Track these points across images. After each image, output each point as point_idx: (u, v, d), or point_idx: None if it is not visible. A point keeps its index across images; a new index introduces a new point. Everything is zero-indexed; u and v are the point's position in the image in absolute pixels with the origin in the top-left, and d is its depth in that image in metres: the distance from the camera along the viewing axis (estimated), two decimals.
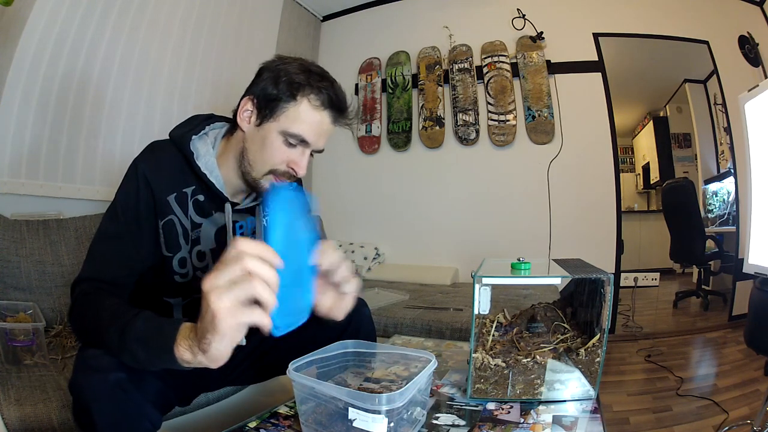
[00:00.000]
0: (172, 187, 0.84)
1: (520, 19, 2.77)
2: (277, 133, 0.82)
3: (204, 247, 0.88)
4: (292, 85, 0.81)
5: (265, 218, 0.91)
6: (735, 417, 1.60)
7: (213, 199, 0.88)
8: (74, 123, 1.78)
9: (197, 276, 0.87)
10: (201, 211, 0.87)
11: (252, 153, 0.84)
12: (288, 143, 0.83)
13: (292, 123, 0.82)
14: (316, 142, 0.85)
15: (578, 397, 0.87)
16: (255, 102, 0.84)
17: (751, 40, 2.59)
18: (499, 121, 2.81)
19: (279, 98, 0.82)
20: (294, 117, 0.82)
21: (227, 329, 0.56)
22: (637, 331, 2.74)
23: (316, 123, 0.83)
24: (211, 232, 0.88)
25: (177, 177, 0.84)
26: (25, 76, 1.60)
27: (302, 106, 0.82)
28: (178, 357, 0.62)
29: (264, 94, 0.83)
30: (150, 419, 0.76)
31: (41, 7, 1.59)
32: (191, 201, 0.86)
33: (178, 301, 0.91)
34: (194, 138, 0.88)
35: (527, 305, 1.08)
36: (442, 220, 2.99)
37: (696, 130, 3.34)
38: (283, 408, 0.84)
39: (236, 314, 0.55)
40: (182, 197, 0.85)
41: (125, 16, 1.91)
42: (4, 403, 0.97)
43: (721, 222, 3.10)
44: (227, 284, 0.56)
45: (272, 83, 0.83)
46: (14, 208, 1.57)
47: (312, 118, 0.83)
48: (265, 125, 0.83)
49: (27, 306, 1.33)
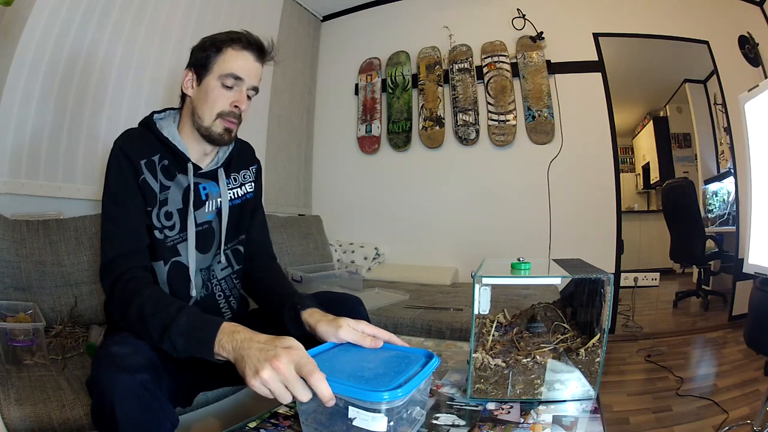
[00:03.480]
0: (142, 154, 0.96)
1: (520, 19, 2.77)
2: (214, 81, 0.96)
3: (171, 207, 0.98)
4: (215, 42, 0.97)
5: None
6: (735, 417, 1.60)
7: (178, 163, 0.99)
8: (74, 123, 1.77)
9: (166, 235, 0.97)
10: (167, 174, 0.98)
11: (200, 107, 0.98)
12: (225, 86, 0.97)
13: (224, 67, 0.96)
14: (249, 78, 0.98)
15: (578, 397, 0.87)
16: (192, 69, 1.00)
17: (751, 40, 2.59)
18: (499, 121, 2.81)
19: (209, 56, 0.97)
20: (223, 62, 0.96)
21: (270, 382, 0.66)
22: (637, 331, 2.74)
23: (243, 60, 0.97)
24: (177, 194, 0.99)
25: (145, 147, 0.97)
26: (25, 76, 1.59)
27: (228, 53, 0.96)
28: (216, 353, 0.74)
29: (196, 59, 0.99)
30: (171, 420, 0.79)
31: (41, 7, 1.59)
32: (159, 166, 0.97)
33: (160, 265, 0.97)
34: (156, 116, 1.02)
35: (527, 305, 1.08)
36: (442, 220, 2.99)
37: (696, 130, 3.35)
38: (283, 408, 0.84)
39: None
40: (151, 164, 0.96)
41: (125, 16, 1.90)
42: (4, 403, 0.97)
43: (721, 222, 3.10)
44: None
45: (200, 50, 0.99)
46: (14, 208, 1.57)
47: (238, 58, 0.97)
48: (204, 81, 0.98)
49: (27, 306, 1.33)
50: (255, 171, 1.16)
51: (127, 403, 0.73)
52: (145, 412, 0.75)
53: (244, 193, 1.11)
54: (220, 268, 1.08)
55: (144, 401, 0.74)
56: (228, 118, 0.98)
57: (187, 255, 0.99)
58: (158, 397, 0.76)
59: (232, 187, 1.09)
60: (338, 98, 3.32)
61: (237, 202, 1.10)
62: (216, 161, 1.06)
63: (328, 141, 3.36)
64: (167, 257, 0.97)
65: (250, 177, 1.14)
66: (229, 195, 1.07)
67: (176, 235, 0.98)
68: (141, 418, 0.74)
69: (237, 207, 1.09)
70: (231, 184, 1.09)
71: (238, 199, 1.10)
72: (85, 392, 1.02)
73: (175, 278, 0.98)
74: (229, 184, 1.08)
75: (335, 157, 3.32)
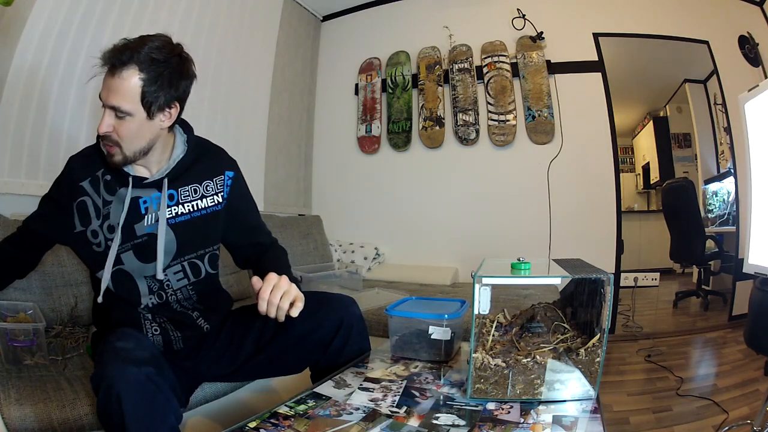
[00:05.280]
0: (88, 173, 1.00)
1: (520, 19, 2.77)
2: None
3: (113, 221, 0.99)
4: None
5: None
6: (735, 417, 1.60)
7: (118, 178, 1.00)
8: (74, 123, 1.78)
9: (108, 245, 0.99)
10: (109, 189, 1.00)
11: None
12: (102, 107, 0.94)
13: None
14: (105, 98, 0.93)
15: (578, 397, 0.87)
16: None
17: (751, 40, 2.59)
18: (499, 121, 2.81)
19: None
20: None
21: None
22: (637, 331, 2.74)
23: (103, 81, 0.93)
24: (118, 207, 0.99)
25: (92, 164, 1.01)
26: (25, 76, 1.59)
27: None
28: None
29: None
30: (174, 413, 0.82)
31: (41, 7, 1.59)
32: (102, 182, 1.00)
33: (102, 273, 1.00)
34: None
35: (527, 305, 1.08)
36: (442, 220, 2.99)
37: (696, 130, 3.34)
38: (283, 408, 0.84)
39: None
40: (95, 180, 1.00)
41: (125, 16, 1.90)
42: (4, 403, 0.97)
43: (721, 222, 3.10)
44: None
45: None
46: (14, 208, 1.56)
47: (103, 80, 0.93)
48: None
49: (27, 306, 1.33)
50: (228, 180, 1.09)
51: (134, 395, 0.74)
52: (151, 404, 0.76)
53: (207, 205, 1.06)
54: (176, 279, 1.05)
55: (150, 393, 0.76)
56: (103, 141, 0.96)
57: (131, 263, 1.01)
58: (163, 390, 0.78)
59: (187, 198, 1.04)
60: (338, 98, 3.32)
61: (197, 215, 1.05)
62: (162, 170, 1.02)
63: (328, 141, 3.36)
64: (109, 266, 1.00)
65: (217, 188, 1.07)
66: (184, 207, 1.03)
67: (119, 246, 0.99)
68: (147, 410, 0.75)
69: (198, 219, 1.05)
70: (185, 196, 1.04)
71: (197, 211, 1.05)
72: (86, 392, 1.03)
73: (119, 284, 1.01)
74: (183, 195, 1.03)
75: (335, 157, 3.32)
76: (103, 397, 0.76)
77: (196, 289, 1.08)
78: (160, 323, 1.05)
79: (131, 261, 1.01)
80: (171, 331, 1.05)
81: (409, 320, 1.14)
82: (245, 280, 2.16)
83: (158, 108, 0.94)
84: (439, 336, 1.08)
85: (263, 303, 0.92)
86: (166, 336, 1.05)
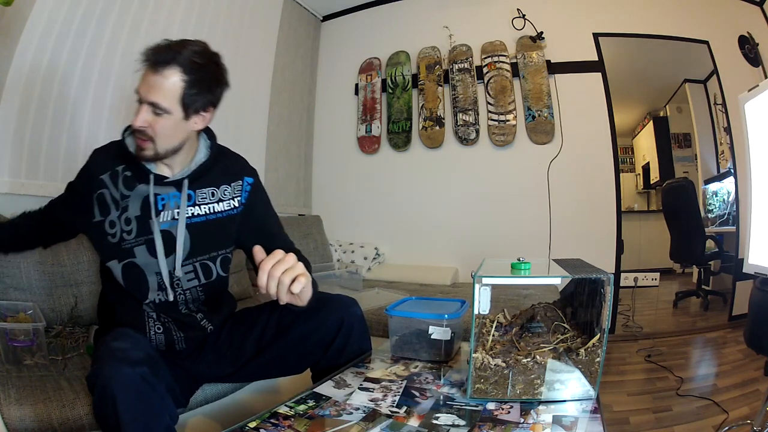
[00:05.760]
0: (108, 166, 1.03)
1: (520, 19, 2.77)
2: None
3: (130, 214, 1.01)
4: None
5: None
6: (735, 417, 1.60)
7: (138, 174, 1.02)
8: (74, 123, 1.77)
9: (123, 237, 1.01)
10: (128, 184, 1.02)
11: None
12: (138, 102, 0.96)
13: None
14: (144, 94, 0.94)
15: (578, 397, 0.87)
16: None
17: (751, 40, 2.59)
18: (499, 121, 2.81)
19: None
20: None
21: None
22: (637, 331, 2.74)
23: (142, 77, 0.96)
24: (136, 202, 1.02)
25: (112, 159, 1.04)
26: (25, 76, 1.59)
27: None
28: None
29: None
30: (170, 413, 0.82)
31: (41, 7, 1.59)
32: (121, 177, 1.02)
33: (114, 264, 1.02)
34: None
35: (527, 305, 1.08)
36: (442, 220, 2.99)
37: (696, 130, 3.34)
38: (283, 408, 0.84)
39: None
40: (114, 174, 1.03)
41: (125, 16, 1.90)
42: (4, 403, 0.97)
43: (721, 222, 3.10)
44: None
45: None
46: (14, 208, 1.55)
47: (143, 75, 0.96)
48: None
49: (27, 306, 1.33)
50: (247, 186, 1.11)
51: (129, 395, 0.74)
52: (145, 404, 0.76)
53: (223, 209, 1.07)
54: (187, 279, 1.05)
55: (145, 393, 0.76)
56: (137, 135, 0.97)
57: (143, 258, 1.02)
58: (158, 390, 0.78)
59: (204, 200, 1.05)
60: (338, 98, 3.32)
61: (213, 218, 1.06)
62: (184, 171, 1.04)
63: (328, 141, 3.36)
64: (121, 257, 1.02)
65: (235, 192, 1.09)
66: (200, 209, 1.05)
67: (133, 239, 1.01)
68: (142, 410, 0.76)
69: (213, 222, 1.06)
70: (203, 198, 1.05)
71: (213, 214, 1.06)
72: (85, 392, 1.03)
73: (129, 277, 1.02)
74: (200, 196, 1.05)
75: (335, 157, 3.32)
76: (98, 398, 0.76)
77: (205, 291, 1.08)
78: (164, 323, 1.05)
79: (143, 255, 1.01)
80: (174, 331, 1.05)
81: (409, 320, 1.14)
82: (245, 281, 2.16)
83: (194, 110, 0.97)
84: (439, 336, 1.09)
85: (263, 275, 0.87)
86: (169, 336, 1.05)
